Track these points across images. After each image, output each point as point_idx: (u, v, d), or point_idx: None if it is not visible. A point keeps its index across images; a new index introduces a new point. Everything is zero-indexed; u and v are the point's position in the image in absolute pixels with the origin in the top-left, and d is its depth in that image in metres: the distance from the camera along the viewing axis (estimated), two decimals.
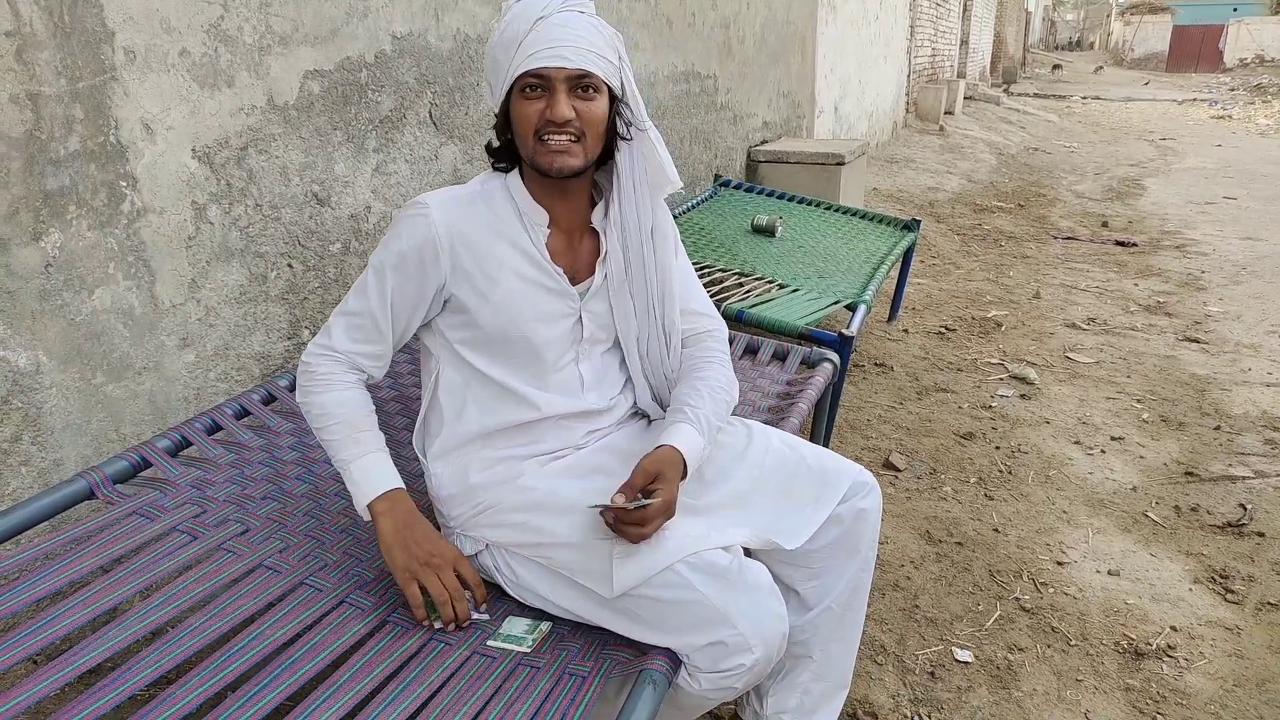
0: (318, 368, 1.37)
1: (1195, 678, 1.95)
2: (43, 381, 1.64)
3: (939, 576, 2.28)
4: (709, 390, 1.42)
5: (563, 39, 1.24)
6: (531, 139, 1.28)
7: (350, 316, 1.37)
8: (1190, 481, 2.82)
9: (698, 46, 4.33)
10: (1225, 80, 26.33)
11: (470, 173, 2.73)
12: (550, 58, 1.23)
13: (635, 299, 1.42)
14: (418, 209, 1.32)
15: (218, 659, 1.17)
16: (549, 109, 1.25)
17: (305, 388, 1.37)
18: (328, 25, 2.14)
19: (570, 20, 1.25)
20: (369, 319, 1.36)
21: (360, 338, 1.37)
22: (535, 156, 1.29)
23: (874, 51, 8.74)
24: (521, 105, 1.27)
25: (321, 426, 1.35)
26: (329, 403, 1.35)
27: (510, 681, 1.20)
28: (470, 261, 1.33)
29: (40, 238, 1.60)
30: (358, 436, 1.34)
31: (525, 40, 1.24)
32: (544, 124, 1.26)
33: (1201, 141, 12.55)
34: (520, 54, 1.24)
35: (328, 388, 1.36)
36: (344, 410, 1.35)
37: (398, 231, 1.34)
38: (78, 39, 1.61)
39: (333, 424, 1.34)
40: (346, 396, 1.36)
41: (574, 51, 1.24)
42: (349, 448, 1.34)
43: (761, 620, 1.20)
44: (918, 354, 3.91)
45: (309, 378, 1.37)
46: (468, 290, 1.34)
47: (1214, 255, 5.87)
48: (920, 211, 6.72)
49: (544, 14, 1.24)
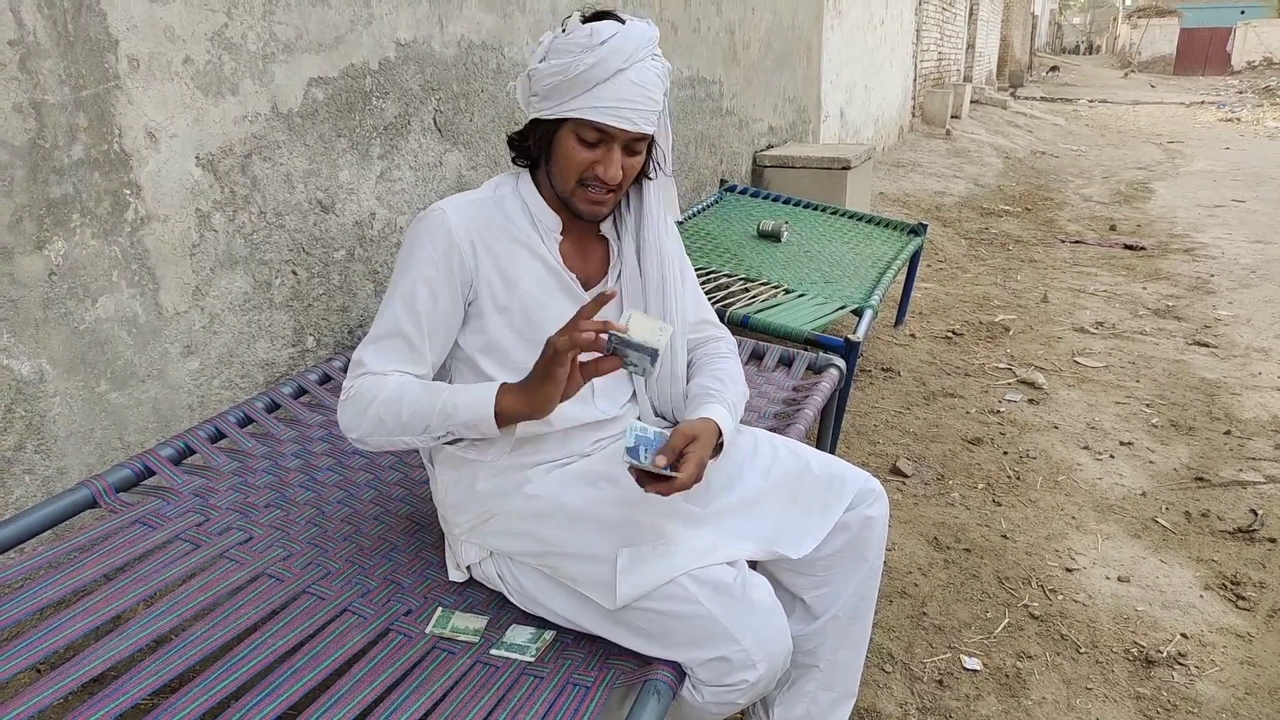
0: (357, 390, 1.27)
1: (1206, 686, 1.92)
2: (46, 390, 1.64)
3: (947, 583, 2.26)
4: (729, 379, 1.44)
5: (635, 100, 1.22)
6: (574, 182, 1.29)
7: (380, 341, 1.30)
8: (1200, 487, 2.80)
9: (703, 52, 4.33)
10: (1233, 83, 26.27)
11: (475, 179, 2.73)
12: (619, 119, 1.22)
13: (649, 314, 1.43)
14: (435, 215, 1.30)
15: (220, 668, 1.17)
16: (603, 166, 1.26)
17: (355, 414, 1.26)
18: (332, 32, 2.14)
19: (646, 75, 1.23)
20: (402, 340, 1.29)
21: (396, 359, 1.29)
22: (572, 198, 1.31)
23: (880, 56, 8.73)
24: (573, 146, 1.26)
25: (394, 419, 1.24)
26: (389, 394, 1.25)
27: (514, 691, 1.19)
28: (489, 265, 1.32)
29: (44, 246, 1.60)
30: (431, 390, 1.25)
31: (599, 88, 1.21)
32: (592, 175, 1.27)
33: (1210, 144, 12.51)
34: (589, 99, 1.21)
35: (379, 388, 1.26)
36: (408, 386, 1.25)
37: (419, 242, 1.30)
38: (81, 47, 1.62)
39: (407, 401, 1.24)
40: (399, 381, 1.26)
41: (641, 116, 1.24)
42: (437, 398, 1.23)
43: (766, 637, 1.19)
44: (925, 359, 3.89)
45: (352, 406, 1.27)
46: (487, 295, 1.33)
47: (1223, 258, 5.84)
48: (927, 216, 6.70)
49: (625, 66, 1.21)
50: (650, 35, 1.25)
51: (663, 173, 1.40)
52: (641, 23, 1.26)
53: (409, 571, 1.44)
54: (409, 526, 1.57)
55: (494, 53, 2.73)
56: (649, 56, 1.24)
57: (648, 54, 1.24)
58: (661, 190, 1.42)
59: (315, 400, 1.97)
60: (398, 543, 1.52)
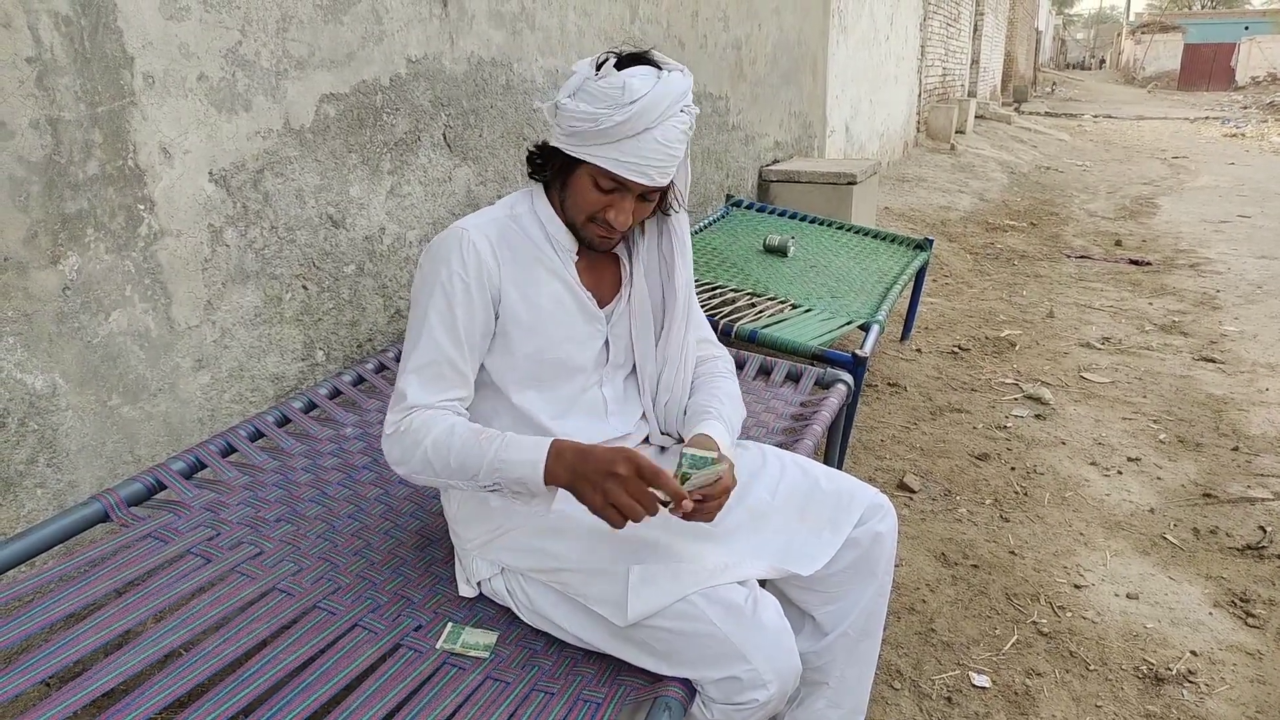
0: (407, 427, 1.27)
1: (1217, 704, 1.91)
2: (59, 404, 1.65)
3: (955, 600, 2.26)
4: (727, 397, 1.47)
5: (656, 158, 1.24)
6: (584, 218, 1.32)
7: (423, 370, 1.29)
8: (1209, 503, 2.79)
9: (710, 67, 4.35)
10: (1238, 98, 26.31)
11: (484, 194, 2.75)
12: (638, 174, 1.24)
13: (659, 338, 1.46)
14: (459, 234, 1.31)
15: (231, 683, 1.17)
16: (614, 212, 1.28)
17: (403, 451, 1.26)
18: (344, 49, 2.16)
19: (671, 133, 1.24)
20: (446, 365, 1.29)
21: (441, 387, 1.30)
22: (582, 230, 1.34)
23: (885, 72, 8.76)
24: (588, 187, 1.28)
25: (443, 464, 1.24)
26: (438, 437, 1.24)
27: (525, 707, 1.19)
28: (512, 284, 1.33)
29: (58, 261, 1.62)
30: (483, 438, 1.23)
31: (626, 143, 1.22)
32: (603, 219, 1.30)
33: (1214, 159, 12.51)
34: (612, 150, 1.23)
35: (429, 429, 1.25)
36: (458, 431, 1.25)
37: (447, 261, 1.29)
38: (98, 64, 1.63)
39: (457, 448, 1.23)
40: (452, 421, 1.26)
41: (660, 171, 1.26)
42: (488, 448, 1.22)
43: (777, 657, 1.19)
44: (931, 374, 3.89)
45: (401, 443, 1.27)
46: (511, 313, 1.34)
47: (1229, 274, 5.83)
48: (932, 230, 6.71)
49: (653, 125, 1.22)
50: (683, 89, 1.25)
51: (675, 212, 1.43)
52: (677, 74, 1.25)
53: (419, 587, 1.44)
54: (419, 541, 1.57)
55: (503, 69, 2.75)
56: (678, 110, 1.24)
57: (678, 109, 1.24)
58: (675, 221, 1.45)
59: (325, 414, 1.98)
60: (408, 558, 1.52)
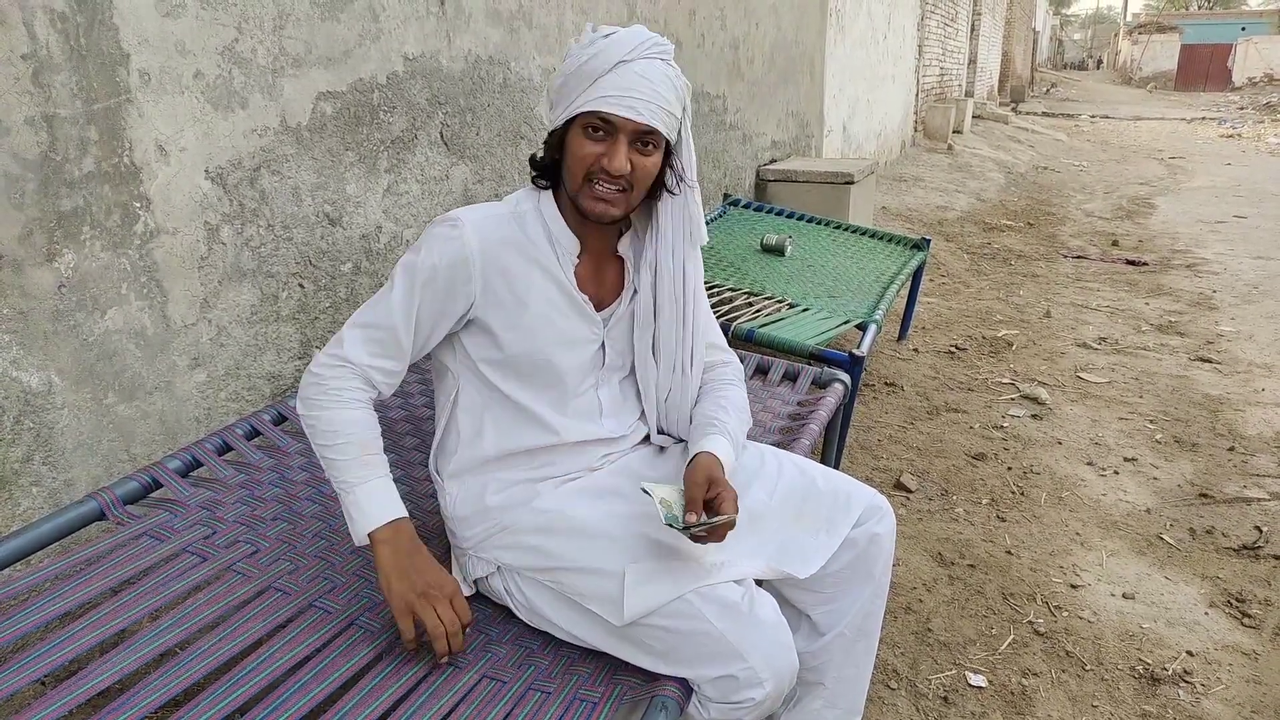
0: (329, 380, 1.30)
1: (1213, 704, 1.92)
2: (54, 402, 1.64)
3: (951, 599, 2.26)
4: (733, 408, 1.45)
5: (638, 89, 1.22)
6: (581, 178, 1.27)
7: (368, 329, 1.31)
8: (1205, 503, 2.80)
9: (707, 66, 4.35)
10: (1234, 99, 26.36)
11: (481, 192, 2.74)
12: (621, 107, 1.22)
13: (661, 343, 1.43)
14: (453, 227, 1.29)
15: (227, 682, 1.16)
16: (607, 157, 1.25)
17: (312, 400, 1.30)
18: (340, 47, 2.15)
19: (650, 70, 1.24)
20: (389, 333, 1.30)
21: (377, 351, 1.31)
22: (580, 197, 1.29)
23: (882, 71, 8.77)
24: (580, 142, 1.26)
25: (328, 444, 1.28)
26: (340, 420, 1.28)
27: (521, 706, 1.19)
28: (501, 284, 1.32)
29: (54, 258, 1.61)
30: (366, 459, 1.28)
31: (601, 80, 1.22)
32: (598, 169, 1.26)
33: (1211, 160, 12.54)
34: (593, 91, 1.22)
35: (339, 403, 1.29)
36: (355, 430, 1.28)
37: (430, 246, 1.29)
38: (94, 61, 1.63)
39: (341, 443, 1.28)
40: (358, 415, 1.30)
41: (645, 106, 1.23)
42: (356, 470, 1.27)
43: (773, 655, 1.19)
44: (928, 373, 3.90)
45: (318, 389, 1.30)
46: (496, 312, 1.32)
47: (1225, 274, 5.85)
48: (929, 230, 6.72)
49: (626, 58, 1.22)
50: (656, 37, 1.27)
51: (687, 187, 1.37)
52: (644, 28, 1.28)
53: None
54: None
55: (501, 67, 2.74)
56: (656, 56, 1.25)
57: (652, 52, 1.25)
58: (679, 209, 1.39)
59: None
60: None
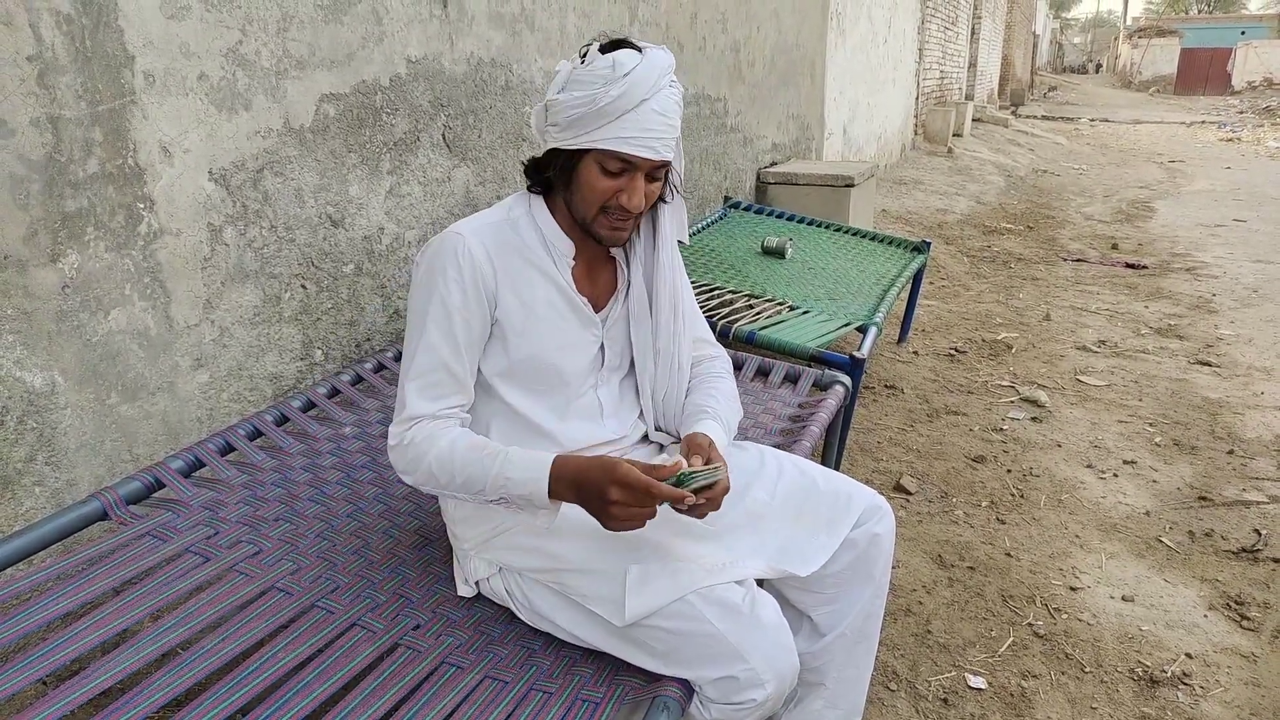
0: (409, 441, 1.28)
1: (1211, 706, 1.92)
2: (58, 402, 1.65)
3: (951, 601, 2.26)
4: (724, 397, 1.48)
5: (658, 129, 1.23)
6: (596, 209, 1.29)
7: (421, 379, 1.29)
8: (1204, 506, 2.80)
9: (708, 69, 4.36)
10: (1234, 103, 26.39)
11: (482, 194, 2.75)
12: (644, 149, 1.23)
13: (659, 338, 1.45)
14: (455, 240, 1.30)
15: (229, 682, 1.17)
16: (626, 194, 1.26)
17: (409, 464, 1.28)
18: (344, 49, 2.16)
19: (666, 104, 1.24)
20: (444, 373, 1.29)
21: (438, 394, 1.30)
22: (593, 225, 1.31)
23: (882, 74, 8.78)
24: (596, 176, 1.26)
25: (449, 480, 1.25)
26: (441, 454, 1.25)
27: (523, 707, 1.19)
28: (508, 288, 1.33)
29: (58, 259, 1.62)
30: (486, 453, 1.24)
31: (625, 118, 1.21)
32: (615, 204, 1.28)
33: (1210, 164, 12.55)
34: (613, 130, 1.22)
35: (432, 445, 1.26)
36: (458, 450, 1.25)
37: (444, 268, 1.29)
38: (98, 63, 1.63)
39: (460, 464, 1.24)
40: (453, 436, 1.27)
41: (663, 144, 1.25)
42: (490, 466, 1.23)
43: (775, 656, 1.19)
44: (928, 376, 3.90)
45: (402, 455, 1.28)
46: (509, 317, 1.33)
47: (1225, 278, 5.85)
48: (929, 233, 6.72)
49: (648, 96, 1.22)
50: (669, 62, 1.27)
51: (677, 194, 1.42)
52: (659, 50, 1.27)
53: (417, 586, 1.44)
54: (417, 541, 1.57)
55: (503, 70, 2.75)
56: (668, 84, 1.26)
57: (667, 81, 1.25)
58: (674, 213, 1.44)
59: (324, 414, 1.98)
60: (406, 557, 1.52)
